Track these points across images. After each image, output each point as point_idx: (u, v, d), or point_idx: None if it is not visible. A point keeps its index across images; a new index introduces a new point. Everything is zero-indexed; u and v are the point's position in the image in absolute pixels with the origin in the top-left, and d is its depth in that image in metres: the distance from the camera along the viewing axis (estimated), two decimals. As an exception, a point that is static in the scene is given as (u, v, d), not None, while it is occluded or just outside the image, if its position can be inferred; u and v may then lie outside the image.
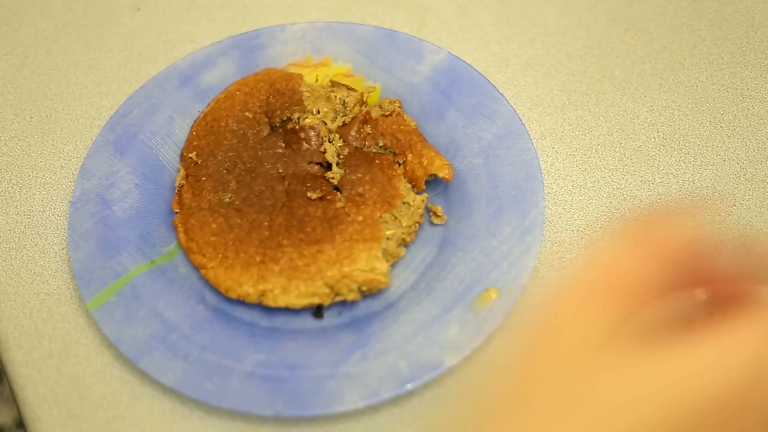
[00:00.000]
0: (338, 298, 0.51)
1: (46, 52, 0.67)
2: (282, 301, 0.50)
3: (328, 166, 0.56)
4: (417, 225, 0.54)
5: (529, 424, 0.32)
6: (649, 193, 0.57)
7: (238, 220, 0.54)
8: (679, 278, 0.34)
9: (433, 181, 0.56)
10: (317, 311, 0.52)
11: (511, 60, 0.65)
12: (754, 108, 0.61)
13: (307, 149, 0.57)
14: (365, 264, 0.51)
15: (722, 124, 0.60)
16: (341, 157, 0.56)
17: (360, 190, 0.54)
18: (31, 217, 0.58)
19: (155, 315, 0.51)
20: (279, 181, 0.55)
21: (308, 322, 0.52)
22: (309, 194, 0.54)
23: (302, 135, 0.57)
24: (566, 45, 0.65)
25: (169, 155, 0.59)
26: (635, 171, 0.58)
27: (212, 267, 0.52)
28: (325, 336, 0.51)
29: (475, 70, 0.60)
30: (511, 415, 0.32)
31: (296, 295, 0.51)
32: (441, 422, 0.49)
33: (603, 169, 0.58)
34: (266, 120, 0.58)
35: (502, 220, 0.53)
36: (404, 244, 0.54)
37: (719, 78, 0.63)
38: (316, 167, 0.56)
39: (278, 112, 0.58)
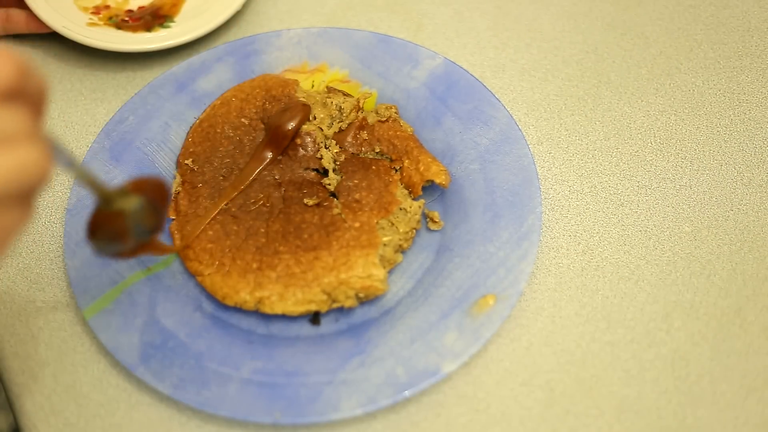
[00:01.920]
0: (335, 305, 0.51)
1: (41, 58, 0.67)
2: (279, 308, 0.50)
3: (325, 173, 0.56)
4: (414, 231, 0.54)
5: None
6: (646, 197, 0.57)
7: (235, 227, 0.54)
8: None
9: (430, 187, 0.56)
10: (314, 318, 0.52)
11: (507, 65, 0.65)
12: (750, 112, 0.61)
13: (304, 155, 0.56)
14: (362, 270, 0.51)
15: (719, 128, 0.60)
16: (338, 163, 0.56)
17: (357, 196, 0.54)
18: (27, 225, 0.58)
19: (152, 323, 0.51)
20: (275, 188, 0.55)
21: (305, 329, 0.52)
22: (306, 201, 0.54)
23: (298, 141, 0.57)
24: (562, 50, 0.65)
25: (165, 162, 0.59)
26: (632, 176, 0.58)
27: (209, 274, 0.52)
28: (323, 343, 0.51)
29: (472, 75, 0.60)
30: None
31: (293, 302, 0.50)
32: (439, 429, 0.49)
33: (600, 174, 0.58)
34: (262, 126, 0.58)
35: (499, 225, 0.53)
36: (401, 250, 0.54)
37: (715, 82, 0.63)
38: (313, 173, 0.56)
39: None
